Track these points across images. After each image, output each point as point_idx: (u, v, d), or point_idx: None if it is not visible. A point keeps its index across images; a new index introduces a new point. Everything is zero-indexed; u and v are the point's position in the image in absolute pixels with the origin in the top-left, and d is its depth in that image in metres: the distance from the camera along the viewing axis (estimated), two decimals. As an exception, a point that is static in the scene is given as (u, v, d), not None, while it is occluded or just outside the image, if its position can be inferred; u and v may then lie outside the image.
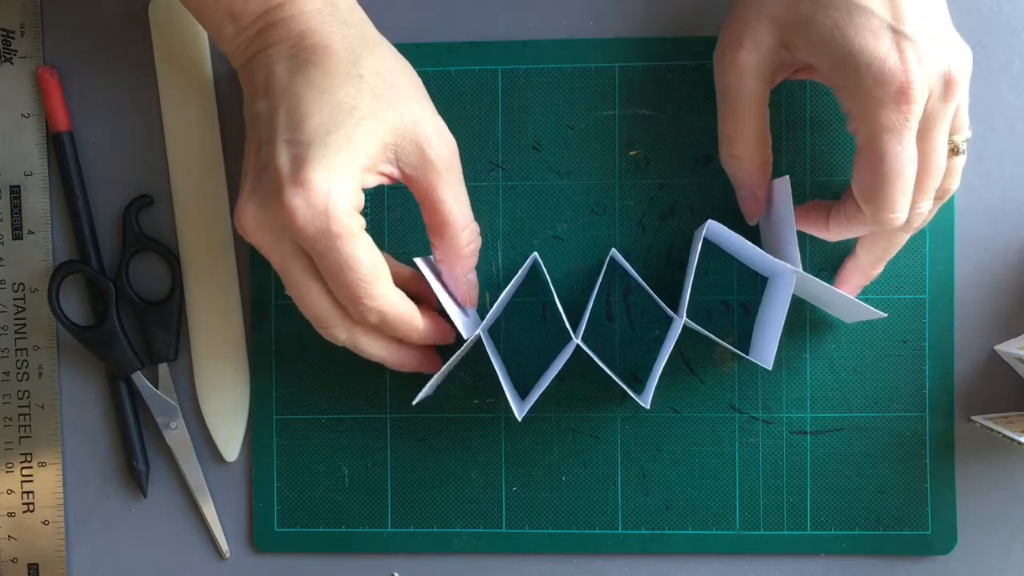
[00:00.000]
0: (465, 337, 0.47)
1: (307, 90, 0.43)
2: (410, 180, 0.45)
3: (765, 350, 0.48)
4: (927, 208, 0.44)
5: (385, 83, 0.44)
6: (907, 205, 0.43)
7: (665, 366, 0.52)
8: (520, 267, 0.52)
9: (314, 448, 0.53)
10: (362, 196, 0.43)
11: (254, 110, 0.44)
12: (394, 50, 0.46)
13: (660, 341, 0.52)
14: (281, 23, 0.44)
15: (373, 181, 0.44)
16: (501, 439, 0.53)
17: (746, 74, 0.45)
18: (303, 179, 0.41)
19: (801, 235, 0.49)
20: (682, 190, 0.52)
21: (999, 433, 0.48)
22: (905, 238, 0.48)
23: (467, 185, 0.46)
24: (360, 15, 0.46)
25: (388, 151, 0.44)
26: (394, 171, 0.44)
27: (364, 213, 0.53)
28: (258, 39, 0.44)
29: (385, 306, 0.44)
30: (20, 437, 0.54)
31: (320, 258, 0.42)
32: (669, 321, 0.52)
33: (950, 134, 0.44)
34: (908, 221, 0.44)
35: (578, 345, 0.47)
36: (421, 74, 0.53)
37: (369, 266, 0.43)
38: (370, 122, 0.43)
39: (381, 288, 0.43)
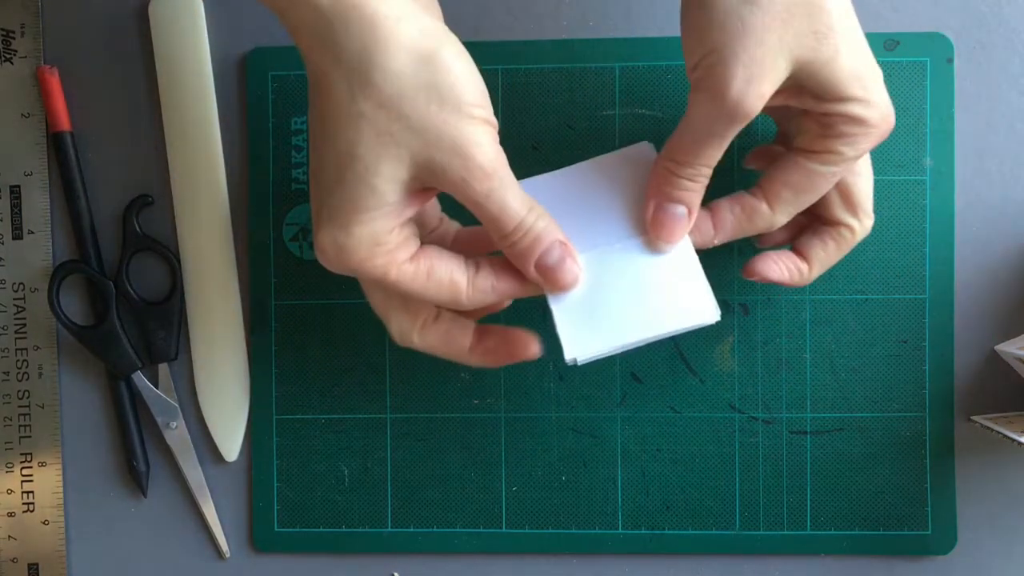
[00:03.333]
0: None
1: (315, 135, 0.40)
2: (450, 192, 0.42)
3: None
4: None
5: (390, 116, 0.39)
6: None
7: (665, 366, 0.52)
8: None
9: (314, 448, 0.53)
10: (398, 226, 0.41)
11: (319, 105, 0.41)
12: (403, 58, 0.39)
13: (660, 341, 0.52)
14: (293, 32, 0.40)
15: (414, 207, 0.41)
16: (501, 439, 0.53)
17: (751, 116, 0.40)
18: (319, 242, 0.41)
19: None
20: (682, 190, 0.52)
21: (999, 433, 0.48)
22: None
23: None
24: (362, 28, 0.39)
25: (408, 184, 0.40)
26: (429, 190, 0.42)
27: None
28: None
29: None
30: (20, 437, 0.54)
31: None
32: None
33: None
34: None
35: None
36: (421, 74, 0.53)
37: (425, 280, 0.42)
38: (374, 169, 0.39)
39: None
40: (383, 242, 0.40)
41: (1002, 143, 0.52)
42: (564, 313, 0.43)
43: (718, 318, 0.43)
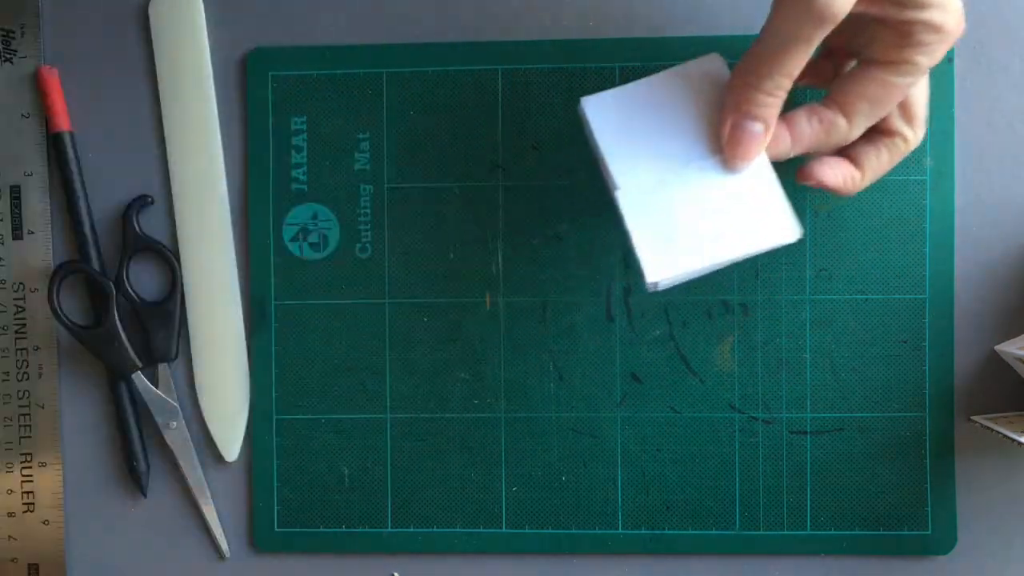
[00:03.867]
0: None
1: None
2: None
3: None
4: None
5: None
6: None
7: (665, 366, 0.52)
8: (520, 267, 0.52)
9: (314, 448, 0.53)
10: None
11: None
12: None
13: (661, 341, 0.52)
14: None
15: None
16: (501, 439, 0.53)
17: (838, 19, 0.39)
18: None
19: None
20: (682, 190, 0.52)
21: (999, 433, 0.48)
22: None
23: (467, 185, 0.46)
24: None
25: None
26: None
27: (365, 198, 0.53)
28: None
29: None
30: (20, 437, 0.54)
31: None
32: (669, 321, 0.52)
33: None
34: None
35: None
36: (421, 74, 0.53)
37: None
38: None
39: None
40: None
41: (1002, 143, 0.52)
42: (643, 236, 0.42)
43: (800, 235, 0.42)
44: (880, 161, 0.46)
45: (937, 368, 0.52)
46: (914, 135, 0.46)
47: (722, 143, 0.43)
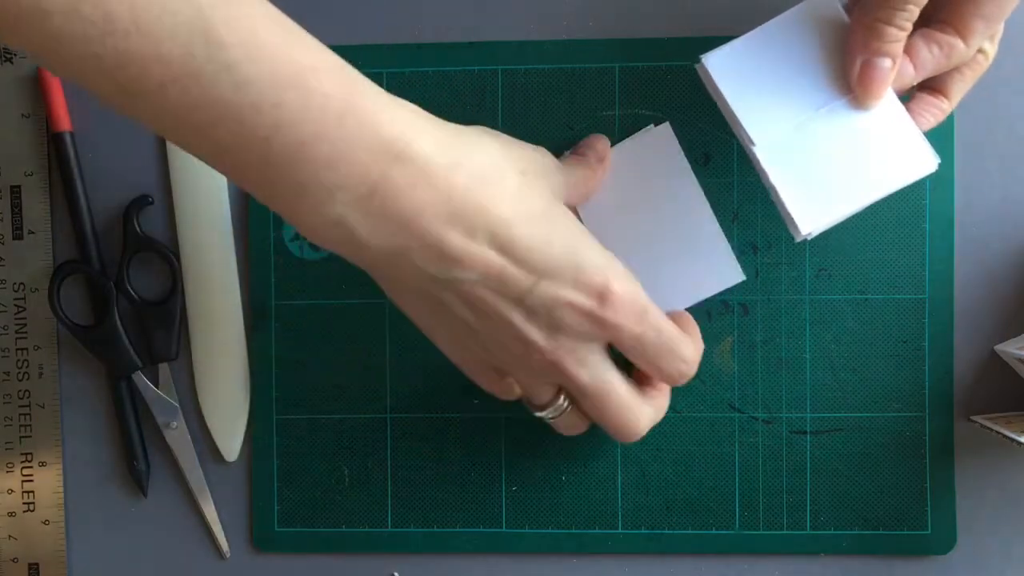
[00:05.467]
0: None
1: (507, 232, 0.40)
2: None
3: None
4: None
5: (523, 161, 0.43)
6: None
7: (665, 366, 0.52)
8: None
9: (314, 448, 0.53)
10: None
11: (456, 289, 0.41)
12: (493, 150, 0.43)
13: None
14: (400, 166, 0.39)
15: None
16: (501, 439, 0.53)
17: None
18: (608, 293, 0.41)
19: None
20: (682, 190, 0.52)
21: (999, 433, 0.48)
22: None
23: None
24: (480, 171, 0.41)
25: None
26: None
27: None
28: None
29: (692, 352, 0.46)
30: (20, 437, 0.54)
31: (637, 343, 0.43)
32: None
33: None
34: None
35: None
36: (421, 74, 0.53)
37: (669, 322, 0.44)
38: (558, 209, 0.43)
39: (685, 340, 0.45)
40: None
41: (1002, 143, 0.52)
42: (789, 189, 0.43)
43: (938, 165, 0.43)
44: (964, 80, 0.45)
45: (937, 368, 0.52)
46: (992, 49, 0.45)
47: (851, 83, 0.43)
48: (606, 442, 0.52)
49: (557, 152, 0.52)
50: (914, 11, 0.41)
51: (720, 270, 0.50)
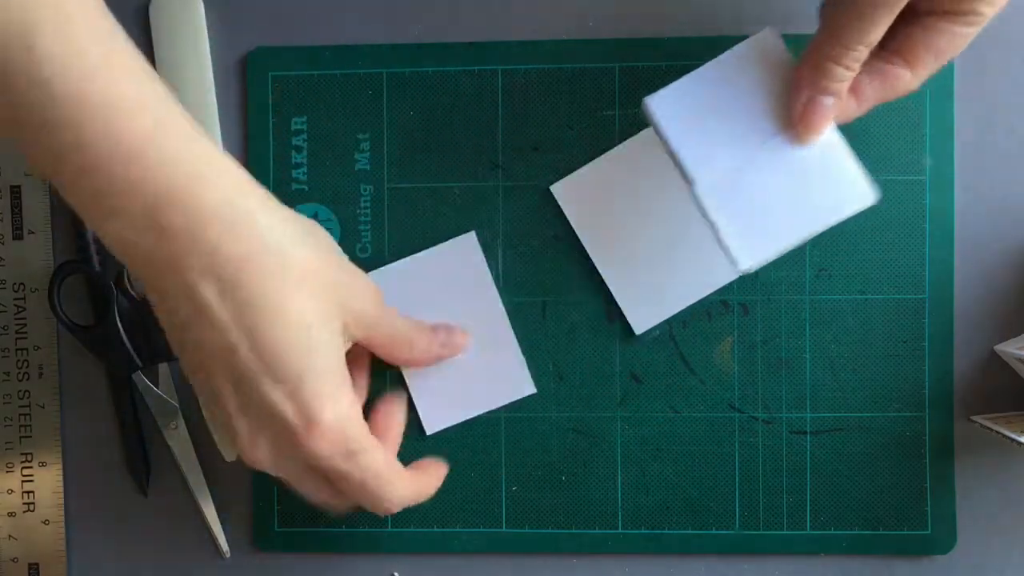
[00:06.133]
0: None
1: (260, 318, 0.39)
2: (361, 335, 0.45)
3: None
4: None
5: (316, 281, 0.41)
6: None
7: (665, 366, 0.52)
8: (520, 267, 0.52)
9: (314, 448, 0.53)
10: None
11: (192, 338, 0.40)
12: (290, 228, 0.41)
13: (660, 341, 0.52)
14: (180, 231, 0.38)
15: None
16: (501, 439, 0.53)
17: None
18: (316, 423, 0.41)
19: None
20: (682, 190, 0.52)
21: (999, 433, 0.48)
22: None
23: (467, 185, 0.46)
24: (244, 226, 0.39)
25: (343, 341, 0.44)
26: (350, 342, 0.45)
27: (365, 216, 0.53)
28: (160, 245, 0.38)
29: (403, 495, 0.46)
30: (20, 437, 0.54)
31: (342, 479, 0.43)
32: (668, 321, 0.52)
33: None
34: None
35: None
36: (422, 74, 0.53)
37: (387, 467, 0.45)
38: (325, 328, 0.42)
39: (397, 484, 0.45)
40: (353, 398, 0.43)
41: (1002, 143, 0.52)
42: (727, 226, 0.43)
43: (878, 198, 0.43)
44: (878, 95, 0.44)
45: (937, 368, 0.52)
46: (914, 78, 0.44)
47: (794, 118, 0.43)
48: (606, 442, 0.52)
49: (558, 154, 0.52)
50: (864, 52, 0.41)
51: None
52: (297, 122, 0.53)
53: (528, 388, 0.52)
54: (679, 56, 0.52)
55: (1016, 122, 0.52)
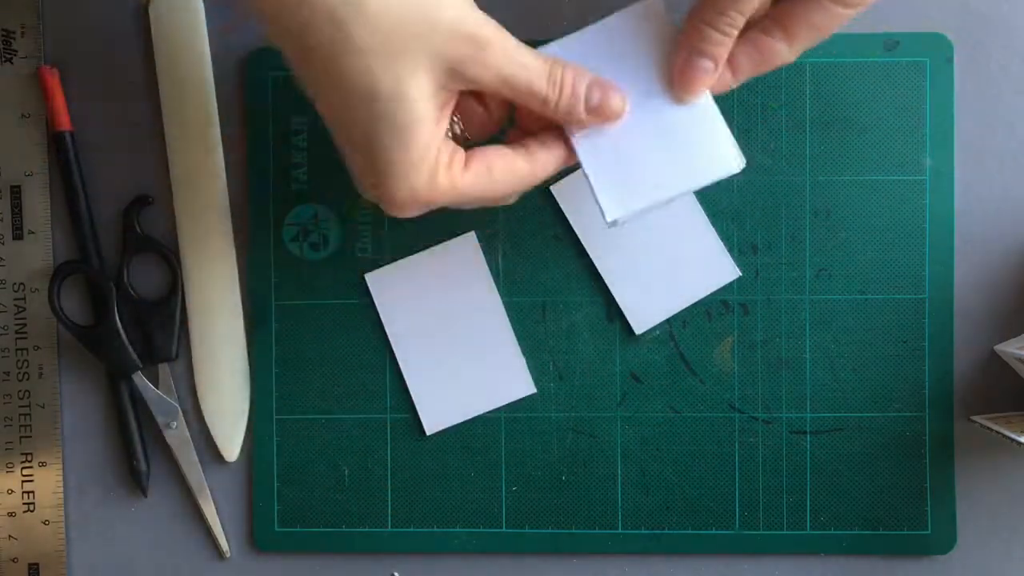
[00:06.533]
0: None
1: (329, 98, 0.40)
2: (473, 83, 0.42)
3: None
4: None
5: (390, 35, 0.39)
6: None
7: (665, 366, 0.52)
8: (520, 267, 0.52)
9: (314, 448, 0.53)
10: (442, 142, 0.41)
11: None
12: None
13: (660, 341, 0.52)
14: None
15: (445, 116, 0.42)
16: (501, 439, 0.53)
17: None
18: (392, 198, 0.41)
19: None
20: (682, 190, 0.52)
21: (999, 433, 0.48)
22: None
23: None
24: None
25: (435, 95, 0.40)
26: (451, 93, 0.41)
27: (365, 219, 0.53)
28: None
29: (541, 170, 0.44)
30: (20, 437, 0.54)
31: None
32: (668, 320, 0.52)
33: None
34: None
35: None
36: (421, 73, 0.53)
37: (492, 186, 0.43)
38: (402, 95, 0.39)
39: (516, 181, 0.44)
40: (439, 162, 0.41)
41: (1002, 143, 0.52)
42: (599, 176, 0.44)
43: (743, 166, 0.44)
44: (753, 66, 0.45)
45: (937, 368, 0.52)
46: (790, 51, 0.44)
47: (672, 79, 0.44)
48: (606, 442, 0.52)
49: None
50: (738, 18, 0.42)
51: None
52: (297, 122, 0.53)
53: (528, 388, 0.52)
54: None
55: (1016, 122, 0.52)
